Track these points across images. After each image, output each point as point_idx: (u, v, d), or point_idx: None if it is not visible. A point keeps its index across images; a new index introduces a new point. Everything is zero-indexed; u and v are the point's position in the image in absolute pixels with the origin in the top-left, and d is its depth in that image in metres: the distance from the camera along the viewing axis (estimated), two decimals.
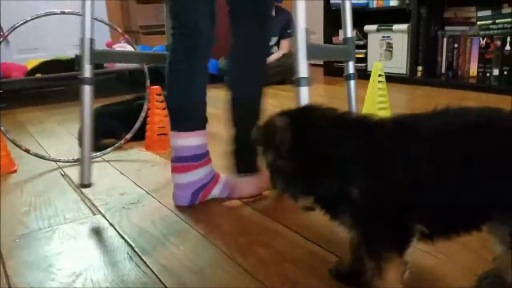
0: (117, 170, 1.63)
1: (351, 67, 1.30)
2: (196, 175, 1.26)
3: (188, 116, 1.28)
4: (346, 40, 1.30)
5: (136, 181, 1.50)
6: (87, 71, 1.35)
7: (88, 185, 1.32)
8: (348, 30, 1.30)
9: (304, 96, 1.09)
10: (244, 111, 1.36)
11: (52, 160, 1.72)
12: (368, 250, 0.78)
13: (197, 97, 1.30)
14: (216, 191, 1.30)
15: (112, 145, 1.80)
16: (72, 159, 1.72)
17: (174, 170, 1.26)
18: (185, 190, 1.26)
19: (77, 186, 1.47)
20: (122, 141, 1.81)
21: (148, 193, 1.39)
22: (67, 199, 1.37)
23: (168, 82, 1.27)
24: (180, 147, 1.25)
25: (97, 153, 1.77)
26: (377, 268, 0.76)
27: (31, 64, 3.26)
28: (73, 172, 1.62)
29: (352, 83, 1.32)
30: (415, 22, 3.02)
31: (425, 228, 0.75)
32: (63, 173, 1.62)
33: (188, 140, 1.26)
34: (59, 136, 2.18)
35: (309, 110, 0.86)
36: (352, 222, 0.78)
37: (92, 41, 1.37)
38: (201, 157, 1.29)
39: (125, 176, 1.56)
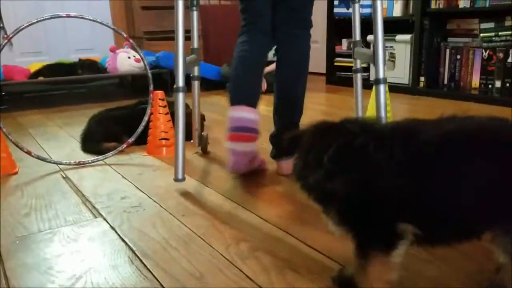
0: (119, 174, 1.63)
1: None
2: (252, 146, 1.43)
3: (249, 91, 1.49)
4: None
5: (137, 185, 1.49)
6: (181, 80, 1.48)
7: (181, 180, 1.41)
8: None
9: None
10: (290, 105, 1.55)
11: (54, 163, 1.72)
12: (355, 248, 0.79)
13: (255, 74, 1.52)
14: (256, 163, 1.52)
15: (114, 149, 1.79)
16: (74, 162, 1.72)
17: (234, 138, 1.42)
18: (243, 158, 1.42)
19: (78, 189, 1.47)
20: (124, 145, 1.81)
21: (149, 197, 1.38)
22: (68, 202, 1.37)
23: (233, 60, 1.54)
24: (240, 118, 1.43)
25: (99, 157, 1.76)
26: (360, 266, 0.77)
27: (34, 67, 3.27)
28: (74, 175, 1.62)
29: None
30: (418, 33, 3.03)
31: (417, 230, 0.74)
32: (64, 176, 1.62)
33: (249, 113, 1.44)
34: (60, 139, 2.18)
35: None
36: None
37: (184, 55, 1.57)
38: (256, 132, 1.45)
39: (127, 180, 1.56)
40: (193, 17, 2.00)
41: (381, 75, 1.42)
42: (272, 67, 3.36)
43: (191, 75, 1.85)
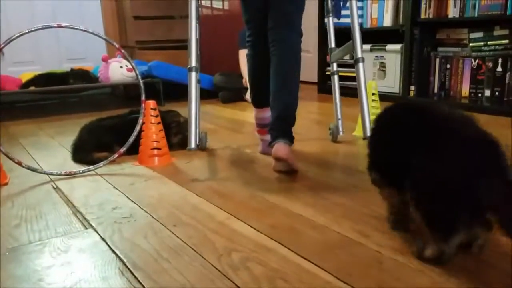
0: (110, 184, 1.62)
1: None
2: (268, 136, 1.75)
3: (266, 96, 1.77)
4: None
5: (128, 195, 1.49)
6: (193, 61, 1.82)
7: (194, 149, 1.66)
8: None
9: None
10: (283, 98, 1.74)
11: (44, 173, 1.71)
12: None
13: (267, 81, 1.75)
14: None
15: (105, 159, 1.79)
16: (65, 173, 1.71)
17: (262, 132, 1.94)
18: (266, 144, 1.84)
19: (69, 200, 1.46)
20: (116, 155, 1.81)
21: (140, 208, 1.38)
22: (58, 213, 1.36)
23: (248, 70, 1.92)
24: (264, 117, 1.91)
25: (90, 167, 1.76)
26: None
27: (25, 77, 3.26)
28: (65, 186, 1.61)
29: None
30: (408, 42, 3.07)
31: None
32: (55, 186, 1.61)
33: (266, 113, 1.87)
34: (51, 149, 2.17)
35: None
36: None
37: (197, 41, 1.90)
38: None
39: (118, 190, 1.55)
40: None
41: (359, 55, 1.83)
42: None
43: None
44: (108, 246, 1.12)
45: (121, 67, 3.29)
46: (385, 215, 1.17)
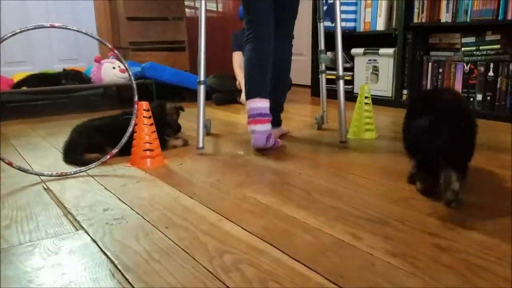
0: (101, 185, 1.61)
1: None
2: (267, 127, 1.95)
3: (260, 86, 1.96)
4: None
5: (120, 197, 1.48)
6: (202, 76, 2.07)
7: (201, 148, 2.01)
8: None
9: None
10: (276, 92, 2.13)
11: (35, 174, 1.69)
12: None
13: (264, 73, 1.98)
14: (272, 141, 2.00)
15: (97, 160, 1.78)
16: (56, 174, 1.70)
17: (253, 122, 1.95)
18: (261, 135, 1.94)
19: (60, 201, 1.45)
20: (108, 156, 1.79)
21: (132, 209, 1.37)
22: (49, 214, 1.35)
23: (244, 64, 2.02)
24: (256, 108, 1.94)
25: (82, 168, 1.74)
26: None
27: (17, 77, 3.24)
28: (56, 187, 1.60)
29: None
30: (401, 47, 3.09)
31: None
32: (46, 187, 1.59)
33: (262, 103, 1.95)
34: (43, 149, 2.15)
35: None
36: None
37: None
38: (269, 116, 1.96)
39: (109, 191, 1.54)
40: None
41: (340, 73, 2.11)
42: None
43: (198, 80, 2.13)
44: (99, 247, 1.12)
45: (113, 68, 3.27)
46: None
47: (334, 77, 3.14)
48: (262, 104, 1.94)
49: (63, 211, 1.37)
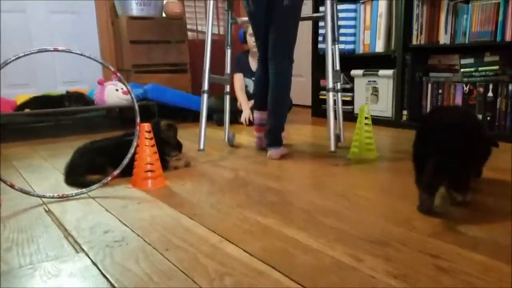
0: (102, 207, 1.61)
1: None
2: (262, 133, 2.40)
3: (260, 101, 2.40)
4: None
5: (121, 219, 1.48)
6: (206, 84, 2.39)
7: (202, 150, 2.33)
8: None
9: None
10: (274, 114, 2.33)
11: (37, 196, 1.70)
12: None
13: (264, 91, 2.34)
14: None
15: (98, 181, 1.78)
16: (57, 195, 1.70)
17: (257, 130, 2.49)
18: (261, 140, 2.46)
19: (61, 223, 1.45)
20: (109, 178, 1.80)
21: (132, 231, 1.37)
22: (50, 236, 1.35)
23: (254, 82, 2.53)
24: (258, 117, 2.44)
25: (83, 190, 1.75)
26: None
27: (20, 99, 3.27)
28: (58, 208, 1.60)
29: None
30: (400, 68, 3.12)
31: None
32: (47, 209, 1.60)
33: (261, 114, 2.42)
34: (45, 171, 2.16)
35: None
36: None
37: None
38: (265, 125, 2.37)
39: (110, 213, 1.54)
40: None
41: (330, 86, 2.28)
42: None
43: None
44: (99, 270, 1.11)
45: (116, 90, 3.31)
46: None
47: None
48: (261, 115, 2.42)
49: (64, 233, 1.37)
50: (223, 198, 1.69)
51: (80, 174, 1.89)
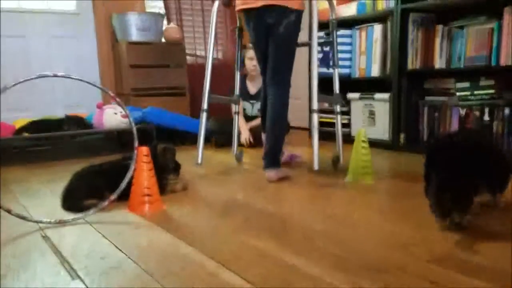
0: (99, 232, 1.60)
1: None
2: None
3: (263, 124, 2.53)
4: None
5: (117, 245, 1.47)
6: (205, 103, 2.52)
7: (199, 164, 2.46)
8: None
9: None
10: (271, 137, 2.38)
11: (34, 221, 1.69)
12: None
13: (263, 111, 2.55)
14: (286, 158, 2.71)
15: (95, 206, 1.78)
16: (54, 221, 1.69)
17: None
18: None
19: (57, 249, 1.44)
20: (106, 202, 1.79)
21: (129, 257, 1.36)
22: (46, 262, 1.34)
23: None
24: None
25: (80, 215, 1.74)
26: None
27: (19, 123, 3.27)
28: (54, 234, 1.59)
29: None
30: (396, 92, 3.14)
31: None
32: (44, 235, 1.59)
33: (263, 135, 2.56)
34: (42, 196, 2.15)
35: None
36: None
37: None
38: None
39: (107, 239, 1.53)
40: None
41: (314, 107, 2.39)
42: (257, 121, 3.49)
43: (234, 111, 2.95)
44: None
45: (115, 113, 3.32)
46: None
47: (329, 119, 3.27)
48: (263, 136, 2.57)
49: (60, 260, 1.36)
50: (221, 222, 1.68)
51: (77, 198, 1.88)
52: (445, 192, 1.44)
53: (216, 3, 2.49)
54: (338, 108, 2.65)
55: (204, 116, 2.49)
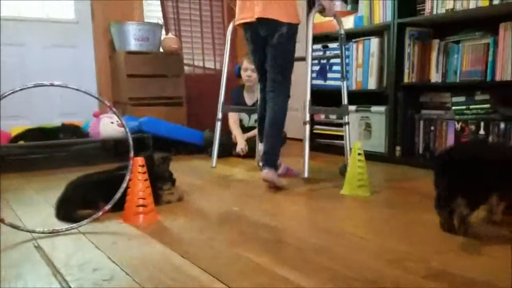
0: (92, 243, 1.59)
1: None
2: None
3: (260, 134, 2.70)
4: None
5: (110, 256, 1.46)
6: (220, 113, 2.80)
7: (214, 167, 2.72)
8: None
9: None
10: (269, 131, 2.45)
11: (27, 231, 1.67)
12: None
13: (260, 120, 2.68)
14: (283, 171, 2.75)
15: (89, 216, 1.76)
16: (47, 230, 1.68)
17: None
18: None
19: (50, 260, 1.43)
20: (100, 213, 1.78)
21: (122, 269, 1.34)
22: (38, 273, 1.33)
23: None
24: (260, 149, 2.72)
25: (73, 225, 1.73)
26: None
27: (15, 131, 3.27)
28: (47, 244, 1.58)
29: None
30: (392, 105, 3.15)
31: None
32: (36, 245, 1.57)
33: (261, 145, 2.66)
34: (36, 205, 2.14)
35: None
36: None
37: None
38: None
39: (100, 250, 1.52)
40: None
41: (306, 119, 2.50)
42: (254, 132, 3.50)
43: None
44: None
45: (112, 122, 3.32)
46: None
47: (326, 131, 3.28)
48: (261, 146, 2.64)
49: (52, 271, 1.34)
50: (216, 234, 1.67)
51: (71, 208, 1.87)
52: (457, 185, 1.55)
53: (232, 24, 2.70)
54: (346, 118, 2.75)
55: (218, 124, 2.76)
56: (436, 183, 1.65)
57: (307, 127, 2.48)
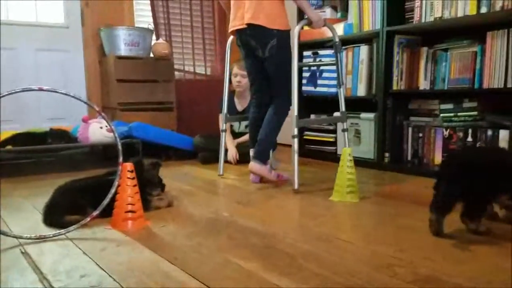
0: (80, 249, 1.58)
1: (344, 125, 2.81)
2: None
3: (252, 141, 2.74)
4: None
5: (98, 262, 1.45)
6: (222, 124, 3.01)
7: (221, 175, 2.88)
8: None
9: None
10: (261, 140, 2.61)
11: (14, 237, 1.65)
12: None
13: (254, 130, 2.73)
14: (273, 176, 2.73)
15: (77, 222, 1.75)
16: (34, 236, 1.66)
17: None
18: (256, 177, 2.72)
19: (37, 266, 1.41)
20: (88, 219, 1.77)
21: (109, 276, 1.33)
22: (25, 280, 1.31)
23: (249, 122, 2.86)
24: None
25: (61, 231, 1.71)
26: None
27: (3, 135, 3.23)
28: (34, 250, 1.56)
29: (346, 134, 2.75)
30: (381, 112, 3.18)
31: None
32: (23, 251, 1.55)
33: (251, 151, 2.71)
34: (24, 210, 2.12)
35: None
36: None
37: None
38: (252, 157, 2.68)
39: (87, 256, 1.51)
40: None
41: (295, 133, 2.54)
42: (244, 138, 3.50)
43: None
44: None
45: (101, 127, 3.30)
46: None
47: (316, 137, 3.29)
48: (251, 152, 2.70)
49: (39, 277, 1.33)
50: (205, 240, 1.67)
51: (59, 214, 1.85)
52: (456, 193, 1.60)
53: (231, 38, 2.78)
54: (345, 125, 2.80)
55: (223, 135, 2.98)
56: (436, 185, 1.69)
57: (296, 140, 2.52)
